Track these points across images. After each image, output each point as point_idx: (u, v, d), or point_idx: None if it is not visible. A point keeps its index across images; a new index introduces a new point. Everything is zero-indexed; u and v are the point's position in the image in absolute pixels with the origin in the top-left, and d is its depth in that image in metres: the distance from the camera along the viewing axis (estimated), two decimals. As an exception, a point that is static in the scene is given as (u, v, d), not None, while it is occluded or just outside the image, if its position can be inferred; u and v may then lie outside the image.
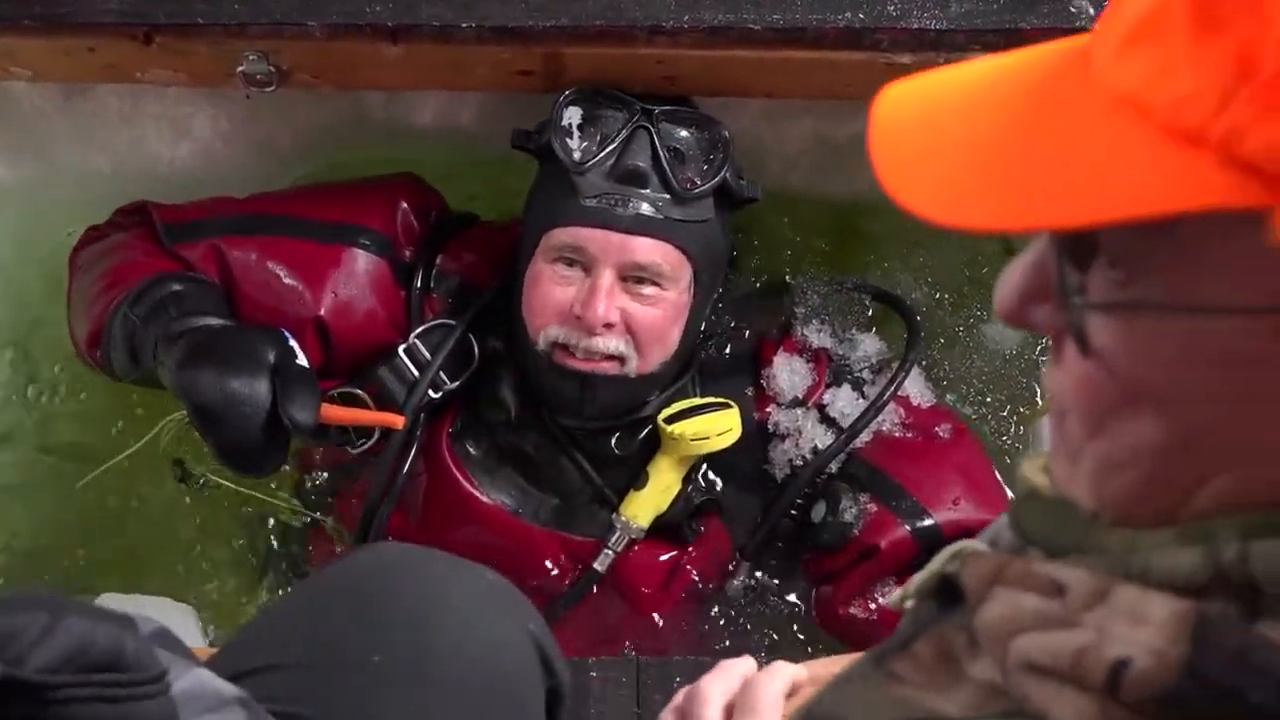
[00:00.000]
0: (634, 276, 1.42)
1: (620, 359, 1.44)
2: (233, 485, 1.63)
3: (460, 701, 0.93)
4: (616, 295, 1.42)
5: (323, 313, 1.50)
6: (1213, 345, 0.53)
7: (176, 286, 1.44)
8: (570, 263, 1.43)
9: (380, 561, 1.01)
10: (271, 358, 1.30)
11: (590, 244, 1.41)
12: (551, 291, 1.43)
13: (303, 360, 1.34)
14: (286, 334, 1.36)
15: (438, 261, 1.57)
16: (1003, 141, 0.57)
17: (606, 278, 1.41)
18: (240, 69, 1.47)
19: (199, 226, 1.54)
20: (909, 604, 0.68)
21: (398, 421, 1.45)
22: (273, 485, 1.67)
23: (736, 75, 1.49)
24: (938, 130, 0.60)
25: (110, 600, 1.53)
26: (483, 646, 0.95)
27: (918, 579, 0.67)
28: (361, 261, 1.52)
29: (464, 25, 1.39)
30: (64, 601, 0.67)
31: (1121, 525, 0.58)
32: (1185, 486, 0.56)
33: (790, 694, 0.86)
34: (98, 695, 0.65)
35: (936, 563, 0.64)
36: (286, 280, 1.50)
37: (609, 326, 1.42)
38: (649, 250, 1.41)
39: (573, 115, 1.43)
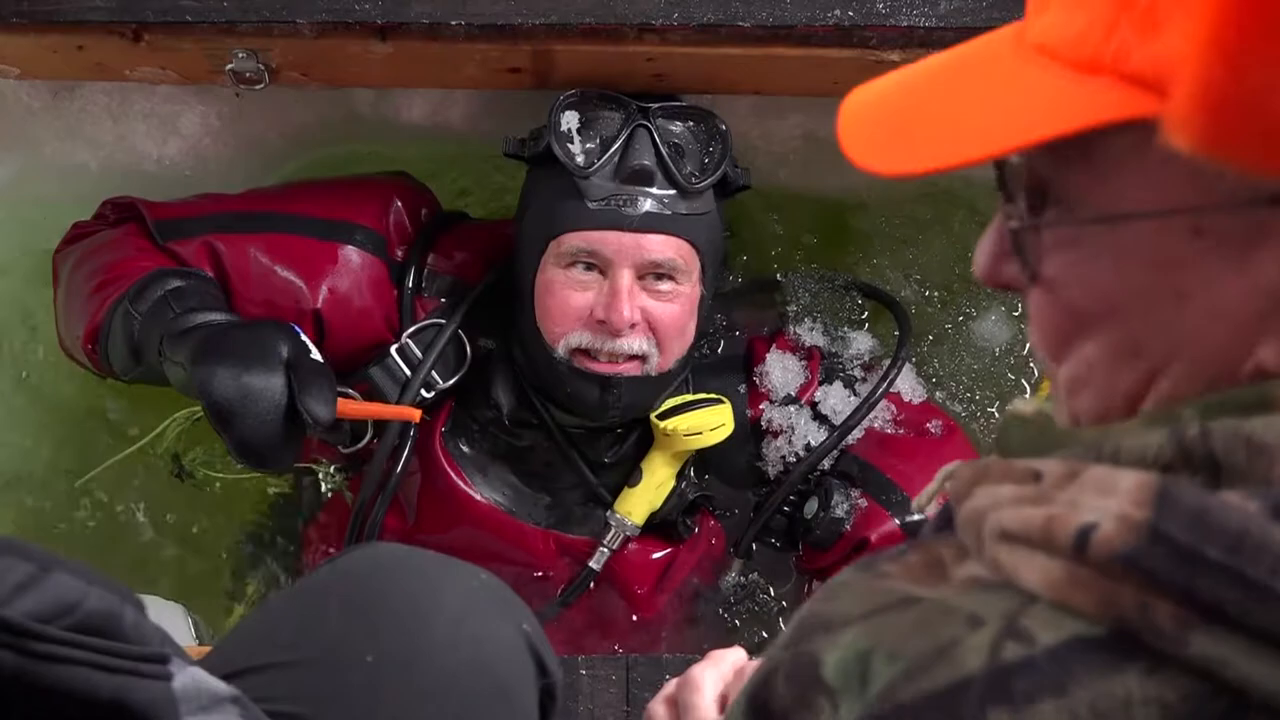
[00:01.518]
0: (651, 274, 1.42)
1: (642, 358, 1.44)
2: (229, 477, 1.62)
3: (453, 701, 0.93)
4: (637, 295, 1.42)
5: (319, 306, 1.49)
6: (1137, 251, 0.58)
7: (177, 282, 1.42)
8: (586, 266, 1.42)
9: (373, 561, 1.01)
10: (285, 352, 1.29)
11: (604, 246, 1.40)
12: (569, 298, 1.43)
13: (316, 354, 1.33)
14: (297, 328, 1.35)
15: (429, 261, 1.56)
16: (934, 99, 0.65)
17: (626, 278, 1.41)
18: (229, 66, 1.47)
19: (191, 223, 1.53)
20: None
21: (414, 415, 1.44)
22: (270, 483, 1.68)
23: (726, 72, 1.49)
24: (884, 102, 0.67)
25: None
26: (475, 646, 0.95)
27: (922, 495, 0.72)
28: (356, 259, 1.51)
29: (453, 22, 1.39)
30: (54, 556, 0.59)
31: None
32: (1139, 390, 0.60)
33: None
34: (93, 661, 0.58)
35: (935, 484, 0.67)
36: (282, 275, 1.49)
37: (633, 327, 1.42)
38: (662, 246, 1.41)
39: (570, 120, 1.42)
